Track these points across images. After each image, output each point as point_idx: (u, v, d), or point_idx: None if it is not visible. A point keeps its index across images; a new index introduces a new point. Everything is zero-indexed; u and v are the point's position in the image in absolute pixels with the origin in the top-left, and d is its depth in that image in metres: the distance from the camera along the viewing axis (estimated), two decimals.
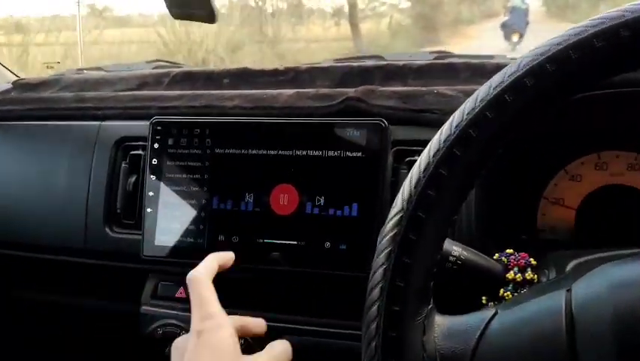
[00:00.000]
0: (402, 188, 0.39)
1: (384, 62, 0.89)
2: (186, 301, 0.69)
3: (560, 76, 0.36)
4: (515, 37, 9.07)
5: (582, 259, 0.49)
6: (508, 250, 0.53)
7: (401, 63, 0.83)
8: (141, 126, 0.70)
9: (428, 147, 0.38)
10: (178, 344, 0.54)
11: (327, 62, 1.02)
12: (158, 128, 0.67)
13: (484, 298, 0.52)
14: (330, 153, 0.63)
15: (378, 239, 0.39)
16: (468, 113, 0.37)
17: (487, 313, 0.38)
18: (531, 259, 0.51)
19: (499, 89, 0.37)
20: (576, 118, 0.64)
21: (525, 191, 0.67)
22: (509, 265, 0.51)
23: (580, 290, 0.36)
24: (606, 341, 0.33)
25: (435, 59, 0.94)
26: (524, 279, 0.50)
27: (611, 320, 0.33)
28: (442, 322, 0.38)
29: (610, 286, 0.36)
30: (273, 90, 0.74)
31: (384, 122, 0.62)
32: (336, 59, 1.08)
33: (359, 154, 0.62)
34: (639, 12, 0.35)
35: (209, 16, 0.76)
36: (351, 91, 0.69)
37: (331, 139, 0.63)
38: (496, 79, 0.37)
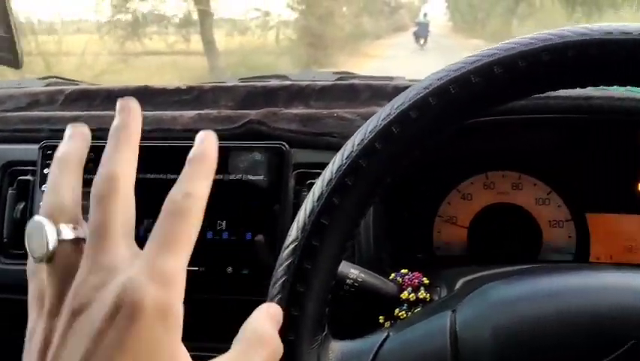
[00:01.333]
0: (297, 216, 0.39)
1: (289, 82, 0.90)
2: None
3: (441, 109, 0.38)
4: (422, 41, 13.11)
5: (470, 277, 0.52)
6: (403, 270, 0.55)
7: (304, 84, 0.85)
8: (30, 150, 0.66)
9: (322, 176, 0.39)
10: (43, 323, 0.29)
11: (231, 80, 1.02)
12: (49, 152, 0.64)
13: (381, 317, 0.54)
14: (231, 177, 0.63)
15: (275, 268, 0.39)
16: (358, 144, 0.39)
17: (380, 336, 0.39)
18: (424, 279, 0.54)
19: (386, 120, 0.39)
20: (466, 141, 0.68)
21: (421, 210, 0.70)
22: (403, 285, 0.53)
23: (463, 311, 0.39)
24: (486, 358, 0.35)
25: (337, 79, 0.97)
26: (417, 298, 0.52)
27: (490, 339, 0.36)
28: (336, 348, 0.39)
29: (489, 306, 0.38)
30: (174, 112, 0.73)
31: (284, 146, 0.63)
32: (241, 79, 1.08)
33: (260, 178, 0.62)
34: (510, 50, 0.38)
35: (15, 61, 0.74)
36: (252, 114, 0.69)
37: (232, 163, 0.63)
38: (385, 110, 0.39)
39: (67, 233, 0.30)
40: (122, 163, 0.34)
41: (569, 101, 0.60)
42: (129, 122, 0.34)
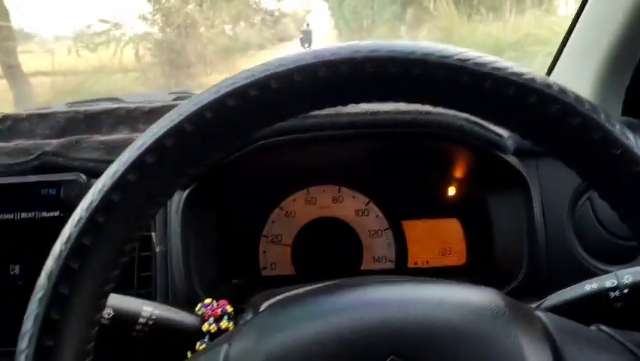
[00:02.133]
0: (46, 263, 0.36)
1: (115, 106, 0.86)
2: None
3: (196, 135, 0.37)
4: (306, 45, 13.34)
5: (274, 300, 0.51)
6: (206, 300, 0.53)
7: (132, 106, 0.81)
8: None
9: (72, 217, 0.36)
10: None
11: (57, 106, 0.95)
12: None
13: (189, 352, 0.51)
14: (24, 216, 0.57)
15: (24, 320, 0.35)
16: (111, 177, 0.36)
17: None
18: (227, 307, 0.52)
19: (140, 150, 0.36)
20: (284, 159, 0.68)
21: (246, 232, 0.69)
22: (205, 315, 0.51)
23: (237, 343, 0.37)
24: None
25: (174, 99, 0.94)
26: (219, 329, 0.50)
27: None
28: None
29: (261, 335, 0.37)
30: None
31: (82, 178, 0.58)
32: (69, 103, 1.01)
33: (56, 213, 0.58)
34: (264, 73, 0.37)
35: None
36: (50, 144, 0.64)
37: (24, 200, 0.57)
38: (139, 139, 0.37)
39: None
40: None
41: (358, 117, 0.61)
42: None
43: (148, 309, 0.48)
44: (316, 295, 0.42)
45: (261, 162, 0.67)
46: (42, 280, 0.35)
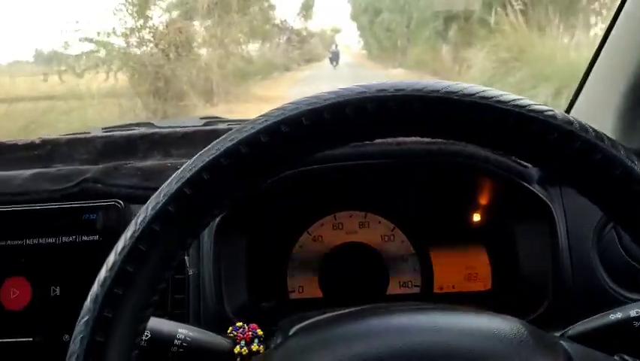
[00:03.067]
0: (92, 287, 0.38)
1: (150, 131, 0.89)
2: None
3: (232, 170, 0.39)
4: (334, 64, 14.39)
5: (303, 324, 0.52)
6: (238, 324, 0.55)
7: (167, 131, 0.84)
8: None
9: (116, 246, 0.38)
10: None
11: (95, 130, 0.99)
12: None
13: None
14: (65, 240, 0.60)
15: (71, 342, 0.38)
16: (152, 209, 0.38)
17: None
18: (258, 330, 0.54)
19: (179, 183, 0.39)
20: (312, 185, 0.70)
21: (273, 256, 0.71)
22: (237, 339, 0.53)
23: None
24: None
25: (204, 124, 0.97)
26: (250, 351, 0.52)
27: None
28: None
29: (292, 355, 0.39)
30: (9, 172, 0.70)
31: (120, 204, 0.61)
32: (105, 128, 1.05)
33: (96, 237, 0.60)
34: (295, 110, 0.39)
35: None
36: (90, 170, 0.67)
37: (65, 225, 0.61)
38: (177, 174, 0.39)
39: None
40: None
41: (385, 147, 0.63)
42: None
43: (183, 331, 0.50)
44: (345, 320, 0.43)
45: (290, 189, 0.69)
46: (88, 304, 0.38)
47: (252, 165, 0.40)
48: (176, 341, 0.50)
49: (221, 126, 0.95)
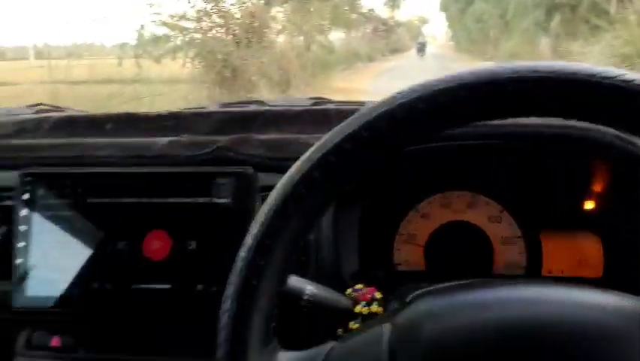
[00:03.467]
0: (245, 238, 0.43)
1: (264, 108, 0.95)
2: (61, 350, 0.70)
3: (372, 140, 0.42)
4: (421, 54, 15.37)
5: (420, 291, 0.56)
6: (358, 286, 0.59)
7: (280, 109, 0.90)
8: (10, 177, 0.70)
9: (266, 201, 0.44)
10: None
11: (212, 106, 1.06)
12: (29, 179, 0.68)
13: (340, 330, 0.58)
14: (200, 200, 0.67)
15: (227, 285, 0.43)
16: (298, 172, 0.43)
17: (326, 346, 0.43)
18: (376, 293, 0.58)
19: (322, 151, 0.43)
20: (424, 164, 0.73)
21: (383, 229, 0.74)
22: (358, 299, 0.57)
23: (400, 322, 0.43)
24: None
25: (312, 105, 1.02)
26: (370, 311, 0.56)
27: (423, 349, 0.39)
28: (284, 357, 0.43)
29: (423, 317, 0.42)
30: (148, 139, 0.77)
31: (250, 170, 0.67)
32: (222, 104, 1.13)
33: (228, 200, 0.67)
34: (434, 87, 0.42)
35: None
36: (222, 140, 0.73)
37: (201, 187, 0.67)
38: (320, 143, 0.43)
39: None
40: None
41: (509, 128, 0.65)
42: None
43: (310, 288, 0.55)
44: (474, 288, 0.46)
45: (403, 166, 0.72)
46: (242, 253, 0.43)
47: (388, 139, 0.43)
48: (304, 297, 0.55)
49: (330, 107, 0.99)
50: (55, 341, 0.69)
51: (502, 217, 0.73)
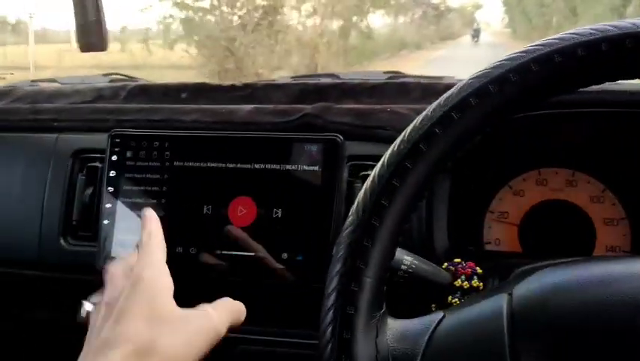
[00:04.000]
0: (357, 197, 0.41)
1: (340, 80, 0.93)
2: None
3: (500, 97, 0.39)
4: (475, 39, 17.10)
5: (524, 268, 0.52)
6: (456, 260, 0.56)
7: (356, 82, 0.87)
8: (99, 139, 0.70)
9: (382, 159, 0.41)
10: (108, 299, 0.49)
11: (283, 79, 1.05)
12: (117, 140, 0.68)
13: (433, 305, 0.55)
14: (288, 167, 0.65)
15: (335, 247, 0.41)
16: (419, 128, 0.40)
17: (436, 316, 0.40)
18: (477, 268, 0.55)
19: (447, 106, 0.40)
20: (518, 136, 0.69)
21: (472, 205, 0.71)
22: (457, 273, 0.54)
23: (520, 293, 0.39)
24: (544, 341, 0.36)
25: (388, 78, 0.98)
26: (471, 286, 0.53)
27: (547, 321, 0.36)
28: (393, 325, 0.41)
29: (547, 290, 0.39)
30: (232, 105, 0.76)
31: (339, 138, 0.64)
32: (293, 77, 1.11)
33: (315, 168, 0.64)
34: (569, 40, 0.38)
35: (102, 45, 0.80)
36: (308, 108, 0.71)
37: (289, 153, 0.65)
38: (445, 97, 0.41)
39: None
40: (150, 266, 0.50)
41: (617, 95, 0.60)
42: (155, 231, 0.54)
43: (408, 258, 0.53)
44: (596, 262, 0.42)
45: (495, 138, 0.68)
46: (354, 213, 0.41)
47: (517, 95, 0.40)
48: (402, 267, 0.52)
49: (407, 80, 0.96)
50: None
51: (605, 197, 0.68)
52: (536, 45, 0.40)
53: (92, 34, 0.77)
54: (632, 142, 0.67)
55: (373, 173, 0.41)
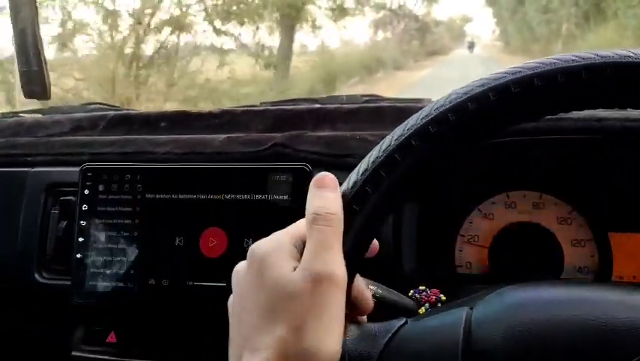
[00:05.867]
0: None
1: (317, 106, 0.94)
2: (117, 345, 0.70)
3: (478, 115, 0.40)
4: (470, 51, 17.65)
5: (483, 292, 0.53)
6: (420, 287, 0.57)
7: (332, 107, 0.88)
8: (72, 172, 0.71)
9: (345, 183, 0.42)
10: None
11: (263, 104, 1.06)
12: (89, 174, 0.68)
13: None
14: (258, 197, 0.66)
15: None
16: (396, 140, 0.41)
17: (398, 322, 0.42)
18: (441, 295, 0.55)
19: (425, 120, 0.40)
20: (486, 159, 0.70)
21: (443, 229, 0.72)
22: (421, 301, 0.55)
23: (480, 309, 0.40)
24: (497, 356, 0.37)
25: (365, 102, 1.00)
26: None
27: (502, 337, 0.37)
28: (354, 329, 0.41)
29: (506, 307, 0.40)
30: (206, 135, 0.77)
31: (308, 167, 0.65)
32: (272, 102, 1.12)
33: (285, 197, 0.65)
34: (550, 65, 0.39)
35: (45, 95, 0.82)
36: (278, 137, 0.72)
37: (258, 184, 0.66)
38: (425, 110, 0.41)
39: None
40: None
41: (581, 123, 0.61)
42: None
43: (373, 288, 0.53)
44: (558, 285, 0.43)
45: (465, 162, 0.69)
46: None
47: (494, 115, 0.40)
48: None
49: (383, 104, 0.97)
50: (111, 337, 0.70)
51: (572, 219, 0.69)
52: (518, 67, 0.40)
53: (34, 82, 0.78)
54: (598, 164, 0.68)
55: (346, 182, 0.42)
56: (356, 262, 0.40)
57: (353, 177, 0.40)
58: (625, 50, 0.37)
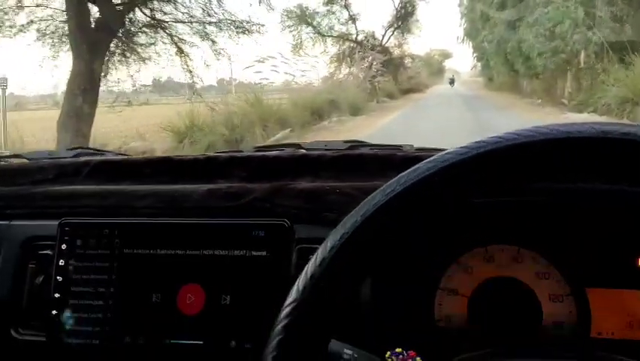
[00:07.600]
0: (297, 280, 0.43)
1: (300, 153, 0.95)
2: None
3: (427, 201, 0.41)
4: (451, 86, 18.46)
5: (464, 356, 0.53)
6: (397, 350, 0.56)
7: (315, 154, 0.89)
8: (51, 226, 0.71)
9: (322, 245, 0.43)
10: None
11: (248, 150, 1.06)
12: (67, 229, 0.68)
13: None
14: (236, 253, 0.66)
15: (273, 328, 0.42)
16: (362, 215, 0.42)
17: None
18: (418, 358, 0.55)
19: (392, 195, 0.42)
20: (466, 216, 0.71)
21: (423, 283, 0.72)
22: None
23: None
24: None
25: (348, 148, 1.01)
26: None
27: None
28: None
29: None
30: (187, 186, 0.77)
31: (286, 223, 0.66)
32: (256, 147, 1.13)
33: (264, 253, 0.65)
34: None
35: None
36: (258, 190, 0.72)
37: (237, 239, 0.66)
38: (376, 197, 0.43)
39: None
40: None
41: (559, 185, 0.62)
42: None
43: (349, 352, 0.53)
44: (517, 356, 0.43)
45: (442, 217, 0.70)
46: (293, 294, 0.42)
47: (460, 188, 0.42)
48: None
49: (365, 151, 0.98)
50: None
51: (550, 273, 0.69)
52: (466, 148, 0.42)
53: None
54: (576, 220, 0.69)
55: (315, 256, 0.43)
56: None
57: (320, 255, 0.41)
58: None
